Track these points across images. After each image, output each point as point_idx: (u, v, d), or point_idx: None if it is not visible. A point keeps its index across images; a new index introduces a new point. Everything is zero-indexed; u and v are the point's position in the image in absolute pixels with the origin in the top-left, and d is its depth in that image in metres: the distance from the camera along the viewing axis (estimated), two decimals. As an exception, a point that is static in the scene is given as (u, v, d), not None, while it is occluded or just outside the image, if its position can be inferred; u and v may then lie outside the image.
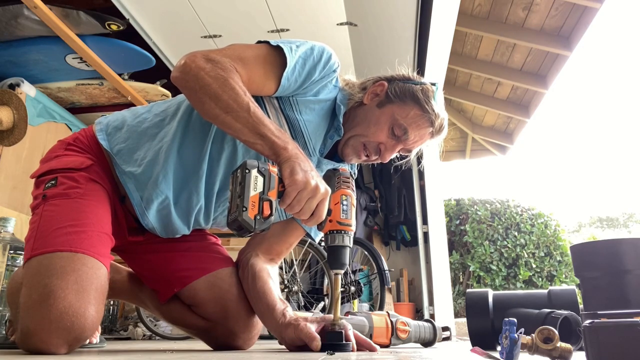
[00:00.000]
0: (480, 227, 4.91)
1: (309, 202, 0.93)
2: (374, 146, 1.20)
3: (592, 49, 21.99)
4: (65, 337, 0.93)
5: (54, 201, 1.09)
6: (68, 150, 1.22)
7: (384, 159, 1.23)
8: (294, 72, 1.11)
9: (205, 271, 1.28)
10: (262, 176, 0.91)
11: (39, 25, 2.36)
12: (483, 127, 5.50)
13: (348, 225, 0.98)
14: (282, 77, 1.09)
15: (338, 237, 0.97)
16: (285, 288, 3.08)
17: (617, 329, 0.69)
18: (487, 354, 0.92)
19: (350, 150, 1.22)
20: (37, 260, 0.99)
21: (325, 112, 1.21)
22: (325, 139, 1.23)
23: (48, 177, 1.15)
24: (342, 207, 0.98)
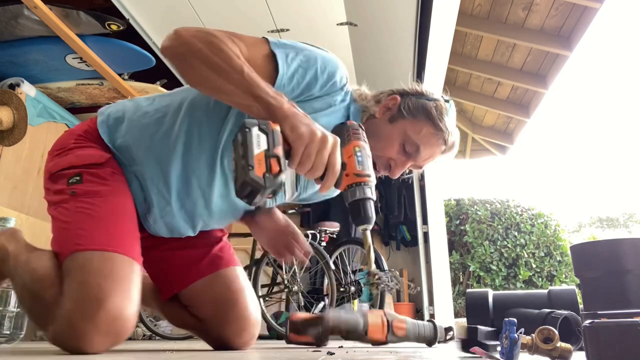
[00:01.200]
0: (480, 227, 4.91)
1: (320, 155, 0.86)
2: (384, 162, 1.18)
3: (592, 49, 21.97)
4: (112, 340, 0.96)
5: (86, 198, 1.09)
6: (79, 141, 1.20)
7: (394, 174, 1.20)
8: (291, 80, 1.07)
9: (203, 273, 1.28)
10: (264, 133, 0.85)
11: (39, 25, 2.36)
12: (483, 127, 5.50)
13: (367, 176, 0.91)
14: (276, 81, 1.05)
15: (359, 191, 0.89)
16: (285, 288, 3.07)
17: (617, 329, 0.69)
18: (487, 353, 0.92)
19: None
20: (84, 257, 1.00)
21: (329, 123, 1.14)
22: None
23: (69, 172, 1.14)
24: (356, 158, 0.91)
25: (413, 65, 3.40)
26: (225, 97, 0.99)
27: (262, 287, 3.26)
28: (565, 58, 3.92)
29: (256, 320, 1.28)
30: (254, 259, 3.28)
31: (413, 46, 3.17)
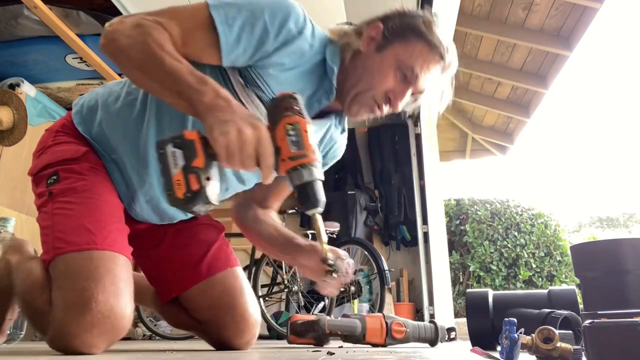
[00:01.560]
0: (480, 227, 4.91)
1: (244, 152, 0.79)
2: (382, 96, 1.07)
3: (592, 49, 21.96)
4: (107, 338, 0.95)
5: (63, 198, 1.07)
6: (57, 137, 1.18)
7: (396, 107, 1.09)
8: (238, 44, 0.98)
9: (201, 277, 1.26)
10: (179, 148, 0.80)
11: (39, 25, 2.36)
12: (483, 127, 5.50)
13: (304, 156, 0.80)
14: (222, 50, 0.97)
15: (299, 174, 0.80)
16: (285, 288, 3.07)
17: (617, 329, 0.69)
18: (487, 354, 0.92)
19: (360, 107, 1.09)
20: (64, 260, 0.99)
21: (303, 75, 1.07)
22: (310, 102, 1.10)
23: (47, 172, 1.13)
24: (289, 139, 0.80)
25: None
26: (159, 96, 0.95)
27: (262, 287, 3.26)
28: (565, 58, 3.93)
29: (256, 320, 1.28)
30: (254, 259, 3.28)
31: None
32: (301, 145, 0.80)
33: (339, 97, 1.11)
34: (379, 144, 4.34)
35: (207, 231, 1.35)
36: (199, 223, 1.35)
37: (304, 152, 0.80)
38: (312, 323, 1.45)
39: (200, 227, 1.35)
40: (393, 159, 4.26)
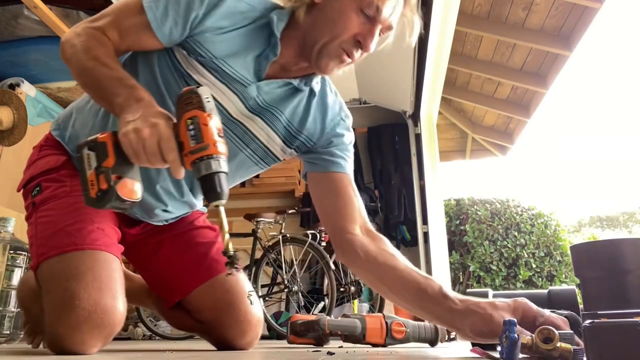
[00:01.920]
0: (480, 227, 4.91)
1: (146, 150, 0.81)
2: (351, 42, 1.02)
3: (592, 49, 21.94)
4: (97, 335, 0.94)
5: (44, 206, 1.09)
6: (42, 152, 1.21)
7: (367, 48, 1.03)
8: (166, 16, 1.00)
9: (202, 279, 1.26)
10: (93, 150, 0.84)
11: (39, 25, 2.36)
12: (483, 127, 5.50)
13: (203, 149, 0.81)
14: (153, 29, 1.00)
15: (197, 167, 0.82)
16: (285, 288, 3.07)
17: (617, 329, 0.69)
18: (487, 354, 0.92)
19: (328, 59, 1.04)
20: (48, 265, 1.00)
21: (246, 35, 1.05)
22: (258, 61, 1.07)
23: (31, 185, 1.16)
24: (189, 134, 0.82)
25: (413, 65, 3.40)
26: (97, 102, 1.02)
27: (262, 287, 3.26)
28: (565, 58, 3.93)
29: (258, 320, 1.28)
30: (254, 259, 3.28)
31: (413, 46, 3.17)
32: (200, 139, 0.82)
33: (304, 56, 1.07)
34: (379, 144, 4.34)
35: (204, 234, 1.34)
36: (195, 227, 1.35)
37: (203, 145, 0.81)
38: (312, 323, 1.45)
39: (197, 231, 1.34)
40: (393, 159, 4.26)
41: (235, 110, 1.09)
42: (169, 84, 1.07)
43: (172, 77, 1.06)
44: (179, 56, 1.05)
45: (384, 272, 1.04)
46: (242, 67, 1.06)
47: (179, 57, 1.05)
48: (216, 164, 0.82)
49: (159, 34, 1.01)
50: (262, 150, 1.17)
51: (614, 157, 29.35)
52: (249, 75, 1.07)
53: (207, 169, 0.81)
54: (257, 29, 1.06)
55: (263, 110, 1.11)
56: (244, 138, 1.13)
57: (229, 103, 1.08)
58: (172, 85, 1.06)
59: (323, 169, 1.17)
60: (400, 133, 4.28)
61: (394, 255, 1.06)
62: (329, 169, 1.16)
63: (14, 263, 2.08)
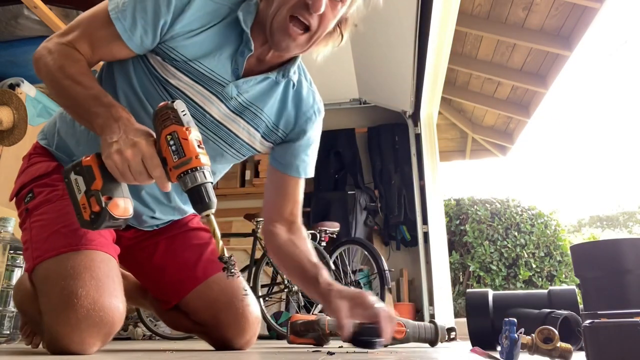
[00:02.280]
0: (480, 227, 4.91)
1: (132, 169, 0.84)
2: (301, 5, 0.97)
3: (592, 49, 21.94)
4: (96, 333, 0.93)
5: (37, 211, 1.10)
6: (31, 160, 1.23)
7: (317, 7, 0.96)
8: (134, 26, 0.99)
9: (198, 280, 1.26)
10: (80, 175, 0.87)
11: (39, 25, 2.36)
12: (483, 127, 5.50)
13: (186, 163, 0.84)
14: (123, 38, 1.00)
15: (183, 181, 0.85)
16: (285, 288, 3.07)
17: (617, 329, 0.69)
18: (487, 354, 0.92)
19: (279, 34, 1.01)
20: (44, 267, 1.00)
21: (218, 34, 1.05)
22: (235, 59, 1.07)
23: (23, 192, 1.16)
24: (170, 149, 0.84)
25: (413, 65, 3.40)
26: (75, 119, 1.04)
27: (262, 287, 3.26)
28: (565, 58, 3.92)
29: (256, 318, 1.28)
30: (253, 259, 3.28)
31: (413, 46, 3.17)
32: (182, 153, 0.85)
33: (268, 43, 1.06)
34: (379, 144, 4.34)
35: (198, 235, 1.35)
36: (189, 228, 1.35)
37: (185, 159, 0.84)
38: (312, 323, 1.45)
39: (192, 233, 1.35)
40: (393, 159, 4.26)
41: (218, 113, 1.10)
42: (148, 90, 1.08)
43: (150, 84, 1.07)
44: (154, 62, 1.06)
45: (284, 259, 1.21)
46: (217, 67, 1.06)
47: (153, 63, 1.06)
48: (201, 175, 0.85)
49: (130, 44, 1.01)
50: (245, 148, 1.20)
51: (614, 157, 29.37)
52: (227, 74, 1.07)
53: (192, 181, 0.84)
54: (227, 26, 1.05)
55: (244, 109, 1.13)
56: (227, 139, 1.15)
57: (210, 106, 1.09)
58: (150, 91, 1.07)
59: (282, 169, 1.23)
60: (400, 133, 4.28)
61: (296, 245, 1.20)
62: (287, 172, 1.23)
63: (14, 263, 2.08)
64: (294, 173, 1.23)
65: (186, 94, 1.07)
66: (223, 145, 1.16)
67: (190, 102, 1.07)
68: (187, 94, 1.07)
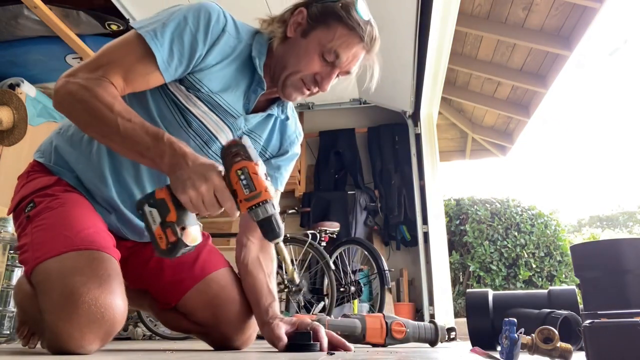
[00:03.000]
0: (480, 227, 4.91)
1: (205, 202, 0.91)
2: (310, 78, 1.15)
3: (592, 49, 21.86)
4: (97, 331, 0.92)
5: (39, 217, 1.10)
6: (29, 176, 1.22)
7: (323, 88, 1.16)
8: (171, 57, 1.04)
9: (196, 280, 1.27)
10: (154, 207, 0.93)
11: (39, 25, 2.36)
12: (483, 127, 5.50)
13: (257, 196, 0.91)
14: (160, 69, 1.04)
15: (255, 213, 0.92)
16: (285, 288, 3.08)
17: (617, 329, 0.69)
18: (487, 354, 0.92)
19: (292, 89, 1.16)
20: (44, 267, 0.99)
21: (237, 70, 1.15)
22: (247, 95, 1.19)
23: (23, 204, 1.16)
24: (241, 183, 0.91)
25: (413, 65, 3.40)
26: (122, 154, 1.05)
27: (262, 287, 3.26)
28: (565, 58, 3.92)
29: (249, 322, 1.28)
30: (254, 259, 3.28)
31: (413, 46, 3.17)
32: (252, 187, 0.91)
33: (274, 83, 1.19)
34: (379, 144, 4.34)
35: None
36: None
37: (255, 192, 0.91)
38: None
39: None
40: (393, 159, 4.26)
41: (226, 140, 1.19)
42: (166, 118, 1.13)
43: (169, 112, 1.13)
44: (176, 91, 1.12)
45: (246, 278, 1.26)
46: (234, 101, 1.17)
47: (175, 92, 1.12)
48: (270, 207, 0.92)
49: (165, 75, 1.05)
50: None
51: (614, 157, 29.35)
52: (239, 107, 1.18)
53: (264, 213, 0.92)
54: (244, 63, 1.16)
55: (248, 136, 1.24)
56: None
57: (221, 134, 1.19)
58: (168, 118, 1.14)
59: None
60: (400, 133, 4.28)
61: (261, 267, 1.27)
62: None
63: (14, 263, 2.08)
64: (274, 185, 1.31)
65: (203, 122, 1.15)
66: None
67: (204, 129, 1.16)
68: (203, 122, 1.15)
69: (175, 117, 1.13)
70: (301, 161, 4.27)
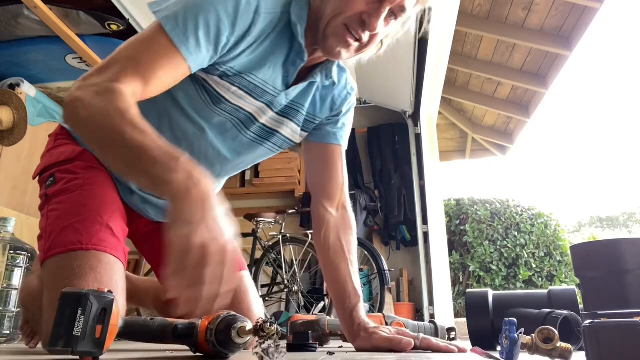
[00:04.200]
0: (480, 227, 4.91)
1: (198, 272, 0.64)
2: (357, 20, 0.96)
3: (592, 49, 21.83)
4: None
5: (56, 199, 1.08)
6: (57, 140, 1.20)
7: (372, 27, 0.96)
8: (198, 45, 0.89)
9: None
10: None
11: (39, 25, 2.36)
12: (483, 127, 5.50)
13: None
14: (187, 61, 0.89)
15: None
16: (285, 288, 3.08)
17: (617, 329, 0.69)
18: (487, 354, 0.92)
19: (333, 39, 0.98)
20: (53, 262, 1.00)
21: (273, 42, 1.00)
22: (286, 67, 1.04)
23: (46, 174, 1.14)
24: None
25: (413, 65, 3.40)
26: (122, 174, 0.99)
27: (262, 287, 3.26)
28: (565, 58, 3.92)
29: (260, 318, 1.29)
30: (253, 259, 3.28)
31: (413, 46, 3.17)
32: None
33: (317, 43, 1.02)
34: (379, 144, 4.34)
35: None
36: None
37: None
38: (312, 323, 1.45)
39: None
40: (393, 159, 4.26)
41: (266, 118, 1.11)
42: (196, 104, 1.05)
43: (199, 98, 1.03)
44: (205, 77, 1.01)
45: (328, 265, 1.21)
46: (270, 78, 1.03)
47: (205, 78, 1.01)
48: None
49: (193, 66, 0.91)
50: (282, 141, 1.20)
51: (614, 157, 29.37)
52: (278, 84, 1.05)
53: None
54: (282, 32, 1.01)
55: (288, 109, 1.13)
56: (268, 137, 1.17)
57: (262, 115, 1.10)
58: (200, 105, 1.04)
59: (320, 140, 1.24)
60: (400, 133, 4.28)
61: (343, 253, 1.20)
62: (325, 140, 1.24)
63: (14, 263, 2.08)
64: (334, 140, 1.24)
65: (240, 106, 1.05)
66: (261, 141, 1.16)
67: (243, 112, 1.06)
68: (240, 106, 1.05)
69: (206, 103, 1.03)
70: (301, 161, 4.27)
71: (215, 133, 1.10)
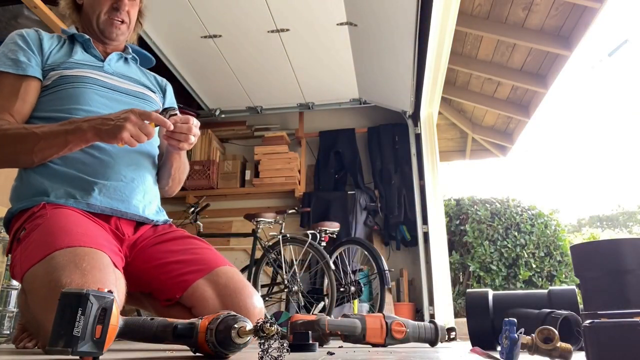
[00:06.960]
0: (480, 227, 4.91)
1: (135, 136, 1.15)
2: (111, 10, 1.44)
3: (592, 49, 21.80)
4: None
5: (27, 237, 1.13)
6: (22, 239, 1.25)
7: (122, 7, 1.45)
8: (25, 60, 1.32)
9: (202, 272, 1.30)
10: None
11: (38, 25, 2.36)
12: (483, 127, 5.50)
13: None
14: (27, 74, 1.31)
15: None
16: (285, 288, 3.07)
17: (617, 329, 0.69)
18: (487, 354, 0.92)
19: (105, 29, 1.46)
20: (31, 271, 1.02)
21: (67, 47, 1.44)
22: (90, 52, 1.46)
23: (17, 235, 1.20)
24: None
25: (413, 65, 3.40)
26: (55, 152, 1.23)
27: (262, 287, 3.26)
28: (565, 58, 3.92)
29: (260, 310, 1.30)
30: (253, 259, 3.28)
31: (413, 46, 3.17)
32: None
33: (100, 40, 1.49)
34: (379, 144, 4.33)
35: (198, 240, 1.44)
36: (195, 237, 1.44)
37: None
38: (312, 323, 1.45)
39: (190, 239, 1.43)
40: (393, 159, 4.26)
41: (110, 79, 1.44)
42: (70, 94, 1.36)
43: (65, 90, 1.35)
44: (54, 76, 1.35)
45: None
46: (85, 60, 1.43)
47: (54, 77, 1.35)
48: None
49: (33, 72, 1.33)
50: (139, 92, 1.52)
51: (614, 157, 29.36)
52: (95, 60, 1.45)
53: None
54: (69, 42, 1.46)
55: (124, 77, 1.50)
56: (126, 91, 1.47)
57: (100, 76, 1.42)
58: (71, 92, 1.35)
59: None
60: (400, 133, 4.28)
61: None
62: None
63: (14, 263, 2.08)
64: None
65: (86, 75, 1.38)
66: (126, 94, 1.47)
67: (87, 77, 1.38)
68: (86, 75, 1.38)
69: (70, 89, 1.34)
70: (301, 161, 4.27)
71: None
